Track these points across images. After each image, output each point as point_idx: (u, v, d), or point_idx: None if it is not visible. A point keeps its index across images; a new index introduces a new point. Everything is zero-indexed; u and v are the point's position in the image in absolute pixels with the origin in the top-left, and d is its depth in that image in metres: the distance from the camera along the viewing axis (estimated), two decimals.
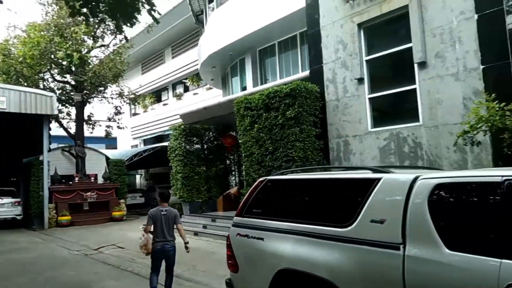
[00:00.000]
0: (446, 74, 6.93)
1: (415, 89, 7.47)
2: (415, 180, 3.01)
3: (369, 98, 8.30)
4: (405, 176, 3.14)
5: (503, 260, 2.37)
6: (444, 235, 2.70)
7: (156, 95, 29.92)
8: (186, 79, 25.88)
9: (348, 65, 8.55)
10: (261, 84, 14.08)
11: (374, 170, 3.42)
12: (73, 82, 19.78)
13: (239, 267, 4.19)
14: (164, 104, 28.80)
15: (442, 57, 6.96)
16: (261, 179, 4.43)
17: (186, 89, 26.87)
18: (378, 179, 3.22)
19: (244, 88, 15.05)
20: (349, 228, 3.27)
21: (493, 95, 5.69)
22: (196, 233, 11.65)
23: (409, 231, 2.89)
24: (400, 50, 7.70)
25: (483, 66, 6.43)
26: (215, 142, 14.63)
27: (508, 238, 2.41)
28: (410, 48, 7.39)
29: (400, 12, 7.56)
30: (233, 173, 15.60)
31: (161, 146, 21.84)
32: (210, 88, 22.39)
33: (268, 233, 3.95)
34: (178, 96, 27.02)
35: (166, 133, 23.70)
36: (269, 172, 8.69)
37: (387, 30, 8.08)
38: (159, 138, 28.08)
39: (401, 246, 2.90)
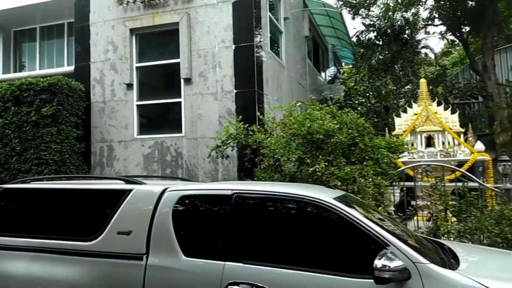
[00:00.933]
0: (207, 92, 7.69)
1: (180, 102, 7.94)
2: (163, 191, 3.17)
3: (137, 105, 8.30)
4: (155, 187, 3.27)
5: (226, 263, 2.78)
6: (183, 243, 2.95)
7: None
8: None
9: (118, 69, 8.32)
10: (15, 71, 11.98)
11: (127, 181, 3.42)
12: None
13: None
14: None
15: (205, 77, 7.70)
16: None
17: None
18: (129, 190, 3.24)
19: None
20: (94, 241, 3.14)
21: (240, 116, 6.69)
22: None
23: (153, 241, 3.02)
24: (169, 63, 8.06)
25: (236, 91, 7.48)
26: None
27: (231, 243, 2.85)
28: (178, 63, 7.83)
29: (171, 28, 7.93)
30: None
31: None
32: None
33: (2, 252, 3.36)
34: None
35: None
36: (14, 176, 7.45)
37: (159, 41, 8.33)
38: None
39: (144, 256, 2.99)
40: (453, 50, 25.22)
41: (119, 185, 3.39)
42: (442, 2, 14.00)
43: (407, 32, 17.58)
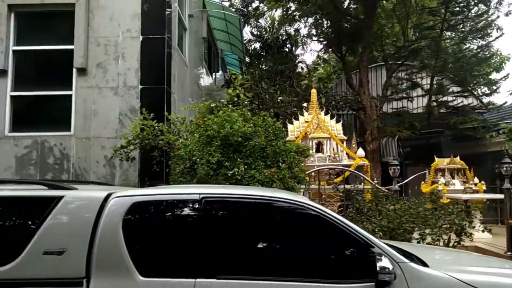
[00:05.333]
0: (106, 86, 6.79)
1: (70, 96, 6.84)
2: (107, 198, 2.57)
3: (12, 96, 6.86)
4: (94, 193, 2.64)
5: (197, 280, 2.37)
6: (139, 261, 2.43)
7: None
8: None
9: None
10: None
11: (51, 186, 2.68)
12: None
13: None
14: None
15: (104, 69, 6.79)
16: None
17: None
18: (58, 198, 2.53)
19: None
20: (6, 266, 2.36)
21: (152, 114, 6.07)
22: None
23: (96, 260, 2.42)
24: (59, 49, 6.86)
25: (141, 86, 6.77)
26: None
27: (202, 256, 2.45)
28: (71, 51, 6.72)
29: (65, 9, 6.76)
30: None
31: None
32: None
33: None
34: None
35: None
36: None
37: (47, 23, 7.03)
38: None
39: (85, 281, 2.37)
40: (319, 67, 27.86)
41: (41, 191, 2.64)
42: (325, 22, 15.37)
43: (288, 46, 18.84)
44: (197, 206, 2.54)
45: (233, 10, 15.09)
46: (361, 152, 10.04)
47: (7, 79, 6.83)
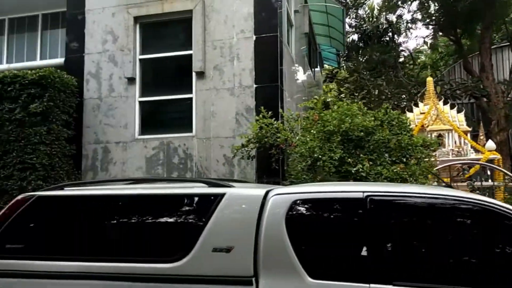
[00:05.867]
0: (222, 87, 7.01)
1: (191, 98, 7.21)
2: (266, 195, 2.51)
3: (140, 102, 7.46)
4: (254, 191, 2.61)
5: (371, 285, 2.18)
6: (306, 261, 2.31)
7: None
8: None
9: (118, 61, 7.44)
10: None
11: (212, 184, 2.72)
12: None
13: None
14: None
15: (221, 71, 7.01)
16: (23, 196, 2.88)
17: None
18: (221, 195, 2.55)
19: None
20: (180, 262, 2.43)
21: (270, 112, 6.07)
22: None
23: (263, 259, 2.36)
24: (179, 55, 7.29)
25: (256, 85, 6.84)
26: None
27: (376, 260, 2.24)
28: (190, 55, 7.09)
29: (183, 16, 7.17)
30: None
31: None
32: None
33: (38, 281, 2.54)
34: None
35: None
36: None
37: (168, 31, 7.54)
38: None
39: (253, 280, 2.33)
40: (421, 55, 25.71)
41: (204, 189, 2.69)
42: (433, 4, 14.10)
43: (389, 34, 17.73)
44: (362, 205, 2.34)
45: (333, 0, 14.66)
46: (491, 144, 8.94)
47: (136, 86, 7.44)
